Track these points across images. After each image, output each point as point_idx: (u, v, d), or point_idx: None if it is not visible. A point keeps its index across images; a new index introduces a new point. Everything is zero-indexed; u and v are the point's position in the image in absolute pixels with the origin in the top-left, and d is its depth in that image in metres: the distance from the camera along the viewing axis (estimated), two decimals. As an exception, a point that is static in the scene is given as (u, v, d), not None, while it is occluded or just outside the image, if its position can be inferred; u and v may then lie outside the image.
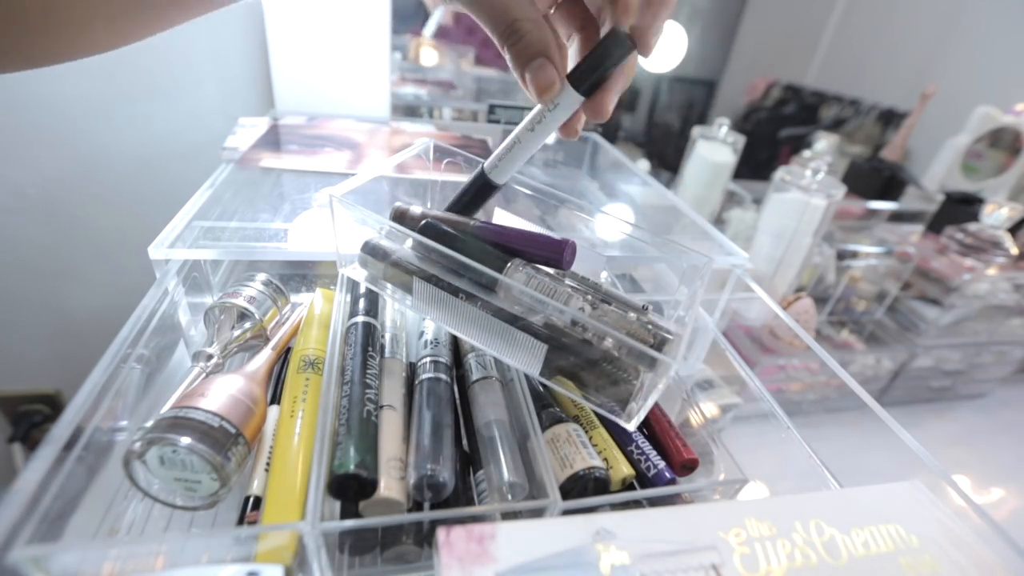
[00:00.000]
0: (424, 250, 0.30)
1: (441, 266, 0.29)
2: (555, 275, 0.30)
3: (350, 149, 0.63)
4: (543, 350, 0.28)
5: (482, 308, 0.29)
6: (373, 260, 0.31)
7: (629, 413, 0.28)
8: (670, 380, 0.26)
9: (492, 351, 0.30)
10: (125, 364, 0.29)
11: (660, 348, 0.27)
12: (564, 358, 0.28)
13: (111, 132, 0.65)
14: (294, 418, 0.29)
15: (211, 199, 0.44)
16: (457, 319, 0.30)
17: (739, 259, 0.47)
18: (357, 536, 0.27)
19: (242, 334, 0.35)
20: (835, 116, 1.74)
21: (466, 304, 0.29)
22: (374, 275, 0.32)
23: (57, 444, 0.23)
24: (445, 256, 0.28)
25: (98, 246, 0.69)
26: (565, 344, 0.28)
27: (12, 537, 0.20)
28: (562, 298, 0.29)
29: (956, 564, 0.21)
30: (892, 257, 0.86)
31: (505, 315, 0.28)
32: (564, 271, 0.31)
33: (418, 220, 0.32)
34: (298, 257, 0.40)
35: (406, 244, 0.31)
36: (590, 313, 0.28)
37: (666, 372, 0.26)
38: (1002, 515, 0.71)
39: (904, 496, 0.24)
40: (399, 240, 0.31)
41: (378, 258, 0.31)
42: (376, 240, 0.32)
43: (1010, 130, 1.10)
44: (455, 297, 0.29)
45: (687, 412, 0.37)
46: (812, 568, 0.20)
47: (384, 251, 0.31)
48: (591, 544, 0.19)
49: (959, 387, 0.92)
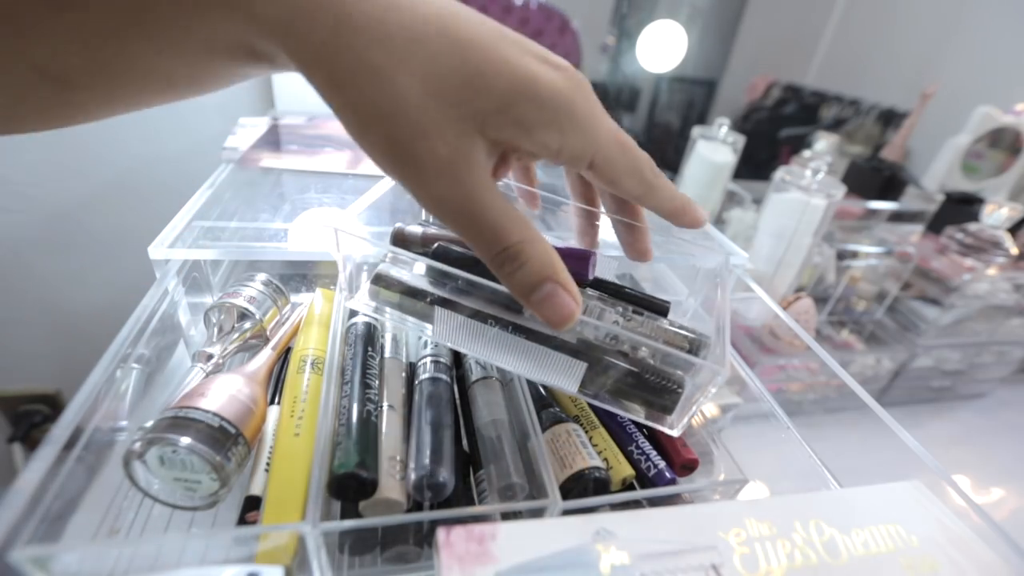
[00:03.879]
0: (438, 275, 0.28)
1: (458, 290, 0.28)
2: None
3: (350, 149, 0.63)
4: (581, 369, 0.27)
5: (513, 332, 0.27)
6: (386, 291, 0.29)
7: (671, 422, 0.27)
8: (719, 384, 0.25)
9: (524, 373, 0.29)
10: (125, 364, 0.29)
11: (697, 352, 0.27)
12: (603, 373, 0.27)
13: (111, 132, 0.65)
14: (294, 418, 0.29)
15: (211, 199, 0.44)
16: (485, 345, 0.28)
17: (739, 259, 0.47)
18: (357, 536, 0.27)
19: (242, 334, 0.35)
20: (835, 116, 1.73)
21: (494, 329, 0.27)
22: (383, 306, 0.30)
23: (57, 444, 0.23)
24: (468, 282, 0.26)
25: (98, 246, 0.69)
26: (603, 360, 0.27)
27: (12, 537, 0.20)
28: (594, 313, 0.28)
29: (956, 564, 0.21)
30: (892, 257, 0.86)
31: (538, 336, 0.27)
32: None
33: (419, 238, 0.31)
34: (298, 257, 0.40)
35: (415, 269, 0.29)
36: (624, 325, 0.27)
37: (714, 378, 0.25)
38: (1002, 515, 0.71)
39: (904, 496, 0.24)
40: (408, 266, 0.29)
41: (392, 288, 0.29)
42: (387, 269, 0.30)
43: (1010, 130, 1.10)
44: (483, 324, 0.27)
45: (687, 412, 0.37)
46: (812, 568, 0.20)
47: (396, 280, 0.29)
48: (591, 544, 0.19)
49: (959, 387, 0.92)
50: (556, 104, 0.20)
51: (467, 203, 0.19)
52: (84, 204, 0.66)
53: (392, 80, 0.17)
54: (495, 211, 0.20)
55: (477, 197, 0.19)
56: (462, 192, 0.19)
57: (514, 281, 0.20)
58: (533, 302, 0.21)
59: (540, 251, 0.20)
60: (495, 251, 0.20)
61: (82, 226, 0.67)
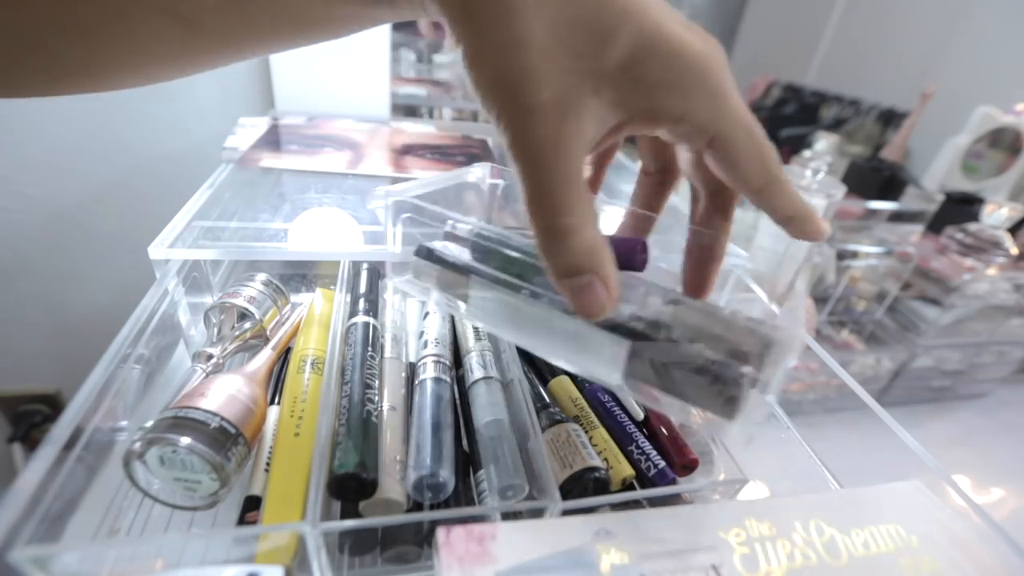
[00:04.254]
0: (483, 253, 0.27)
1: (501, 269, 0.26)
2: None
3: (350, 149, 0.63)
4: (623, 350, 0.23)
5: (549, 305, 0.25)
6: (428, 266, 0.28)
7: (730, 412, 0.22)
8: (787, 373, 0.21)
9: (560, 359, 0.26)
10: (125, 364, 0.29)
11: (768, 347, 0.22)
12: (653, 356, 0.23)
13: (111, 132, 0.65)
14: (294, 418, 0.29)
15: (211, 199, 0.44)
16: (519, 323, 0.26)
17: (739, 259, 0.47)
18: (357, 536, 0.27)
19: (242, 334, 0.35)
20: (835, 116, 1.74)
21: (530, 305, 0.25)
22: (425, 285, 0.29)
23: (57, 444, 0.23)
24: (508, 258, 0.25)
25: (98, 246, 0.69)
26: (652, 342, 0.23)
27: (12, 537, 0.20)
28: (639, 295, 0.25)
29: (956, 564, 0.21)
30: (892, 257, 0.86)
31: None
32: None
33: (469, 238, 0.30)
34: (298, 257, 0.40)
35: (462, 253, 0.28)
36: (673, 312, 0.24)
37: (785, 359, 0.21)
38: (1002, 515, 0.71)
39: (904, 496, 0.24)
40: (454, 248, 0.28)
41: (434, 262, 0.28)
42: (431, 244, 0.28)
43: (1010, 130, 1.10)
44: (517, 294, 0.25)
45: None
46: (812, 568, 0.20)
47: (439, 256, 0.28)
48: (591, 544, 0.19)
49: (959, 387, 0.92)
50: (685, 64, 0.18)
51: (545, 157, 0.18)
52: (84, 204, 0.66)
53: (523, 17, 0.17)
54: (568, 181, 0.18)
55: (560, 154, 0.18)
56: (548, 143, 0.18)
57: (555, 259, 0.19)
58: (566, 286, 0.19)
59: (591, 239, 0.19)
60: (548, 220, 0.19)
61: (82, 226, 0.67)
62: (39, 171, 0.61)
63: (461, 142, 0.71)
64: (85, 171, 0.65)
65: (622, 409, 0.34)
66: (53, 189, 0.63)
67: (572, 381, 0.37)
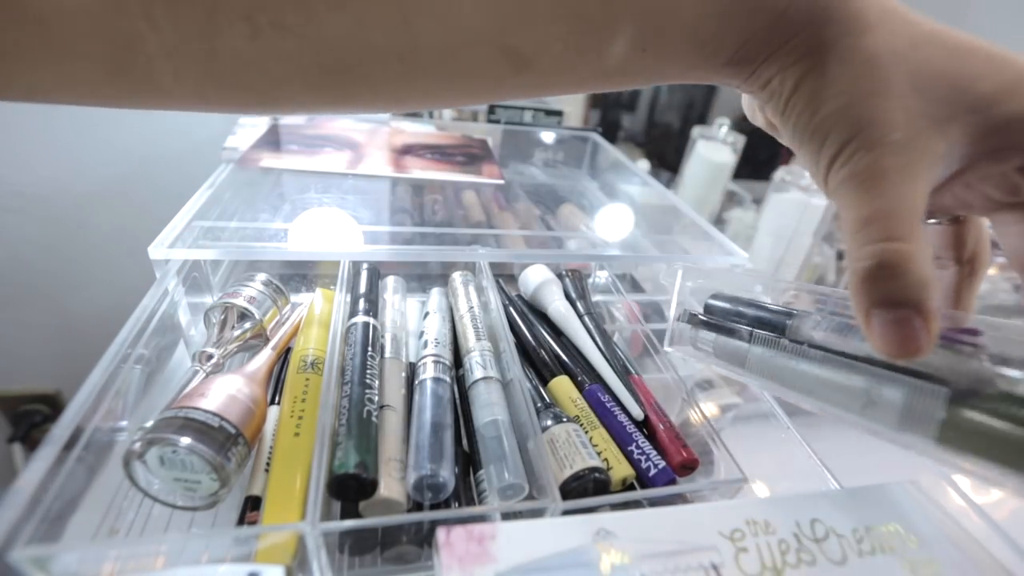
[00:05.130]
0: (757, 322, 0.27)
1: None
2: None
3: (350, 149, 0.63)
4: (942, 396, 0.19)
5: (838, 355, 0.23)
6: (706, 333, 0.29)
7: None
8: None
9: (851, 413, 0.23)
10: (125, 364, 0.29)
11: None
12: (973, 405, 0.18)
13: (111, 132, 0.65)
14: (294, 418, 0.29)
15: (211, 199, 0.44)
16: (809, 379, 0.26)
17: (739, 259, 0.47)
18: (357, 536, 0.27)
19: (242, 334, 0.35)
20: (835, 116, 1.73)
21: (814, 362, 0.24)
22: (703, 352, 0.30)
23: (57, 444, 0.23)
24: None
25: (98, 246, 0.69)
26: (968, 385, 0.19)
27: (12, 537, 0.20)
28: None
29: (956, 564, 0.21)
30: (892, 257, 0.86)
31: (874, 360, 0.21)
32: None
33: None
34: (298, 257, 0.40)
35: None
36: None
37: None
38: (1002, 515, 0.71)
39: (904, 496, 0.24)
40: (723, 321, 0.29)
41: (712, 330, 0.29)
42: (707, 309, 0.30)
43: (1010, 130, 1.10)
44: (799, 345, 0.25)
45: (687, 412, 0.37)
46: (812, 568, 0.20)
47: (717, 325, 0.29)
48: (591, 544, 0.19)
49: (959, 387, 0.92)
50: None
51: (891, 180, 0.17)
52: (84, 204, 0.66)
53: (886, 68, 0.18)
54: (912, 208, 0.17)
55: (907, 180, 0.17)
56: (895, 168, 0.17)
57: (879, 285, 0.17)
58: (880, 319, 0.17)
59: (925, 271, 0.17)
60: (876, 237, 0.17)
61: (82, 226, 0.67)
62: (39, 171, 0.61)
63: (461, 142, 0.71)
64: (85, 171, 0.65)
65: (622, 409, 0.34)
66: (53, 189, 0.63)
67: (572, 381, 0.37)
